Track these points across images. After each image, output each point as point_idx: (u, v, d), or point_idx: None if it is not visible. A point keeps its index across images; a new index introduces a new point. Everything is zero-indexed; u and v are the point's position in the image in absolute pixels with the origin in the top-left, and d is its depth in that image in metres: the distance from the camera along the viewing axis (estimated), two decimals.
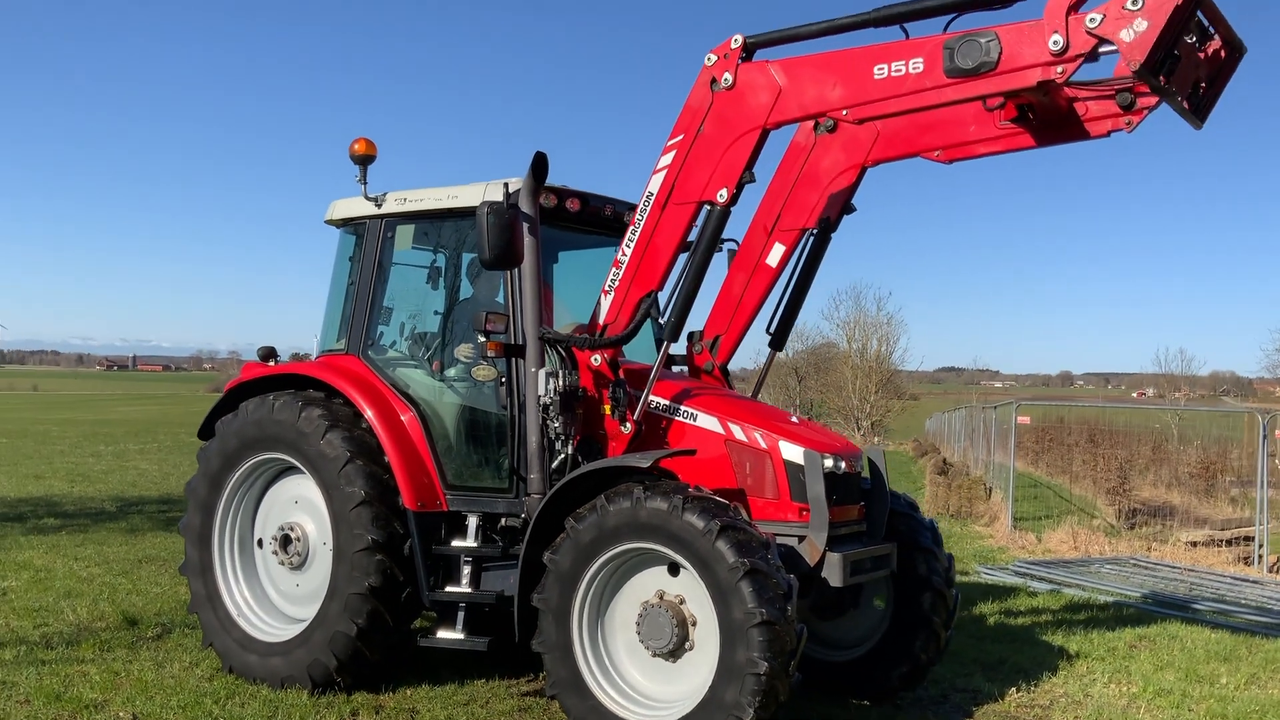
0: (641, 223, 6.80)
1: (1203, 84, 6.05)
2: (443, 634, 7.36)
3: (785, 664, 5.89)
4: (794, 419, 7.30)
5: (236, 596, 8.05)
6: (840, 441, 7.27)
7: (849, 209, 7.66)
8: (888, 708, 7.65)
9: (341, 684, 7.45)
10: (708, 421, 7.03)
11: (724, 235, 7.09)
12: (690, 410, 7.09)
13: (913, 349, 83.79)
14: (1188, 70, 5.83)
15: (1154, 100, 6.14)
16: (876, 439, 64.39)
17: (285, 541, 7.89)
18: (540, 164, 7.06)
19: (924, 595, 7.46)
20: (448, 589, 7.36)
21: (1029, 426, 37.58)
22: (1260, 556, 14.65)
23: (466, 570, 7.34)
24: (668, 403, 7.14)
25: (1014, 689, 8.10)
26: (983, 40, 5.58)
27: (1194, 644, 9.86)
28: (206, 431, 8.32)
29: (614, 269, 6.94)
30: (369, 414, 7.57)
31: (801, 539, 6.70)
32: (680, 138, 6.61)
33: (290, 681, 7.52)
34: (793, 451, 6.78)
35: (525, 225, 7.10)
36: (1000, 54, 5.55)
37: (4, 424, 47.12)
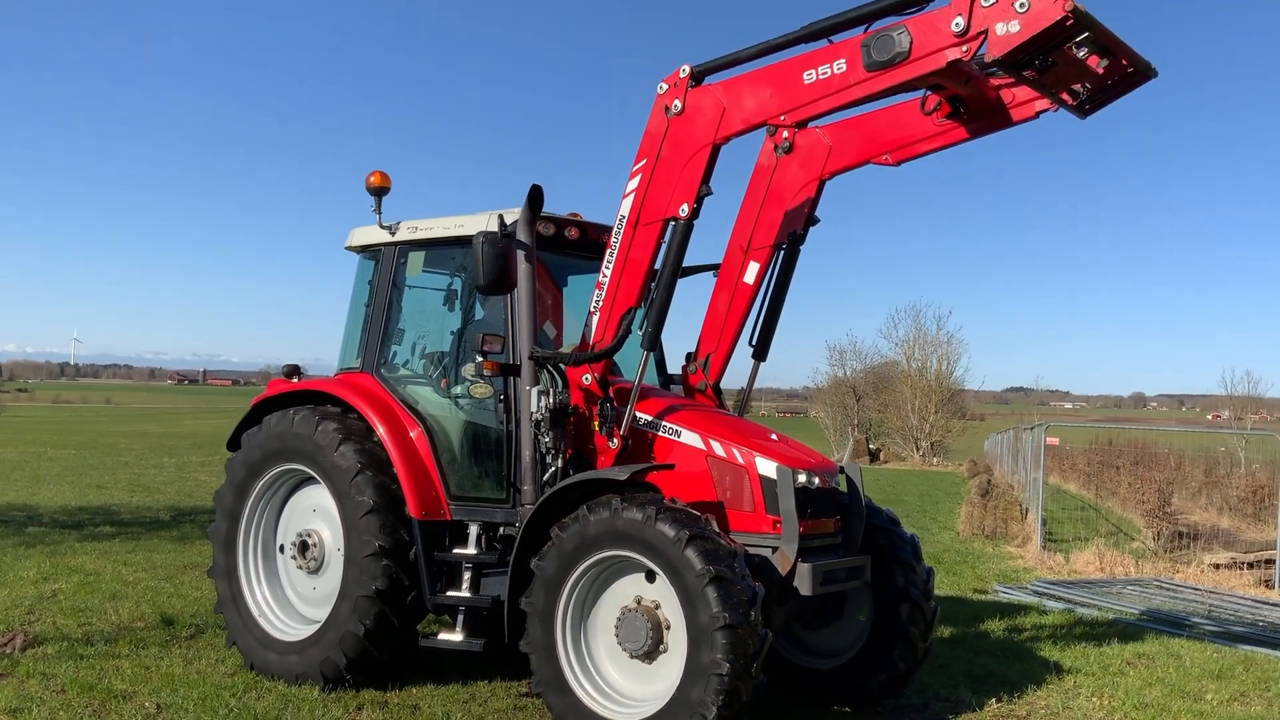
0: (617, 244, 7.29)
1: (1089, 87, 6.58)
2: (443, 636, 7.83)
3: (748, 666, 6.27)
4: (773, 437, 7.68)
5: (258, 598, 8.60)
6: (816, 458, 7.64)
7: (813, 221, 8.16)
8: (868, 714, 7.98)
9: (351, 681, 7.94)
10: (690, 438, 7.45)
11: (710, 261, 7.55)
12: (674, 427, 7.51)
13: (974, 368, 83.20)
14: (1067, 73, 6.38)
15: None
16: (936, 459, 64.04)
17: (303, 547, 8.43)
18: (536, 196, 7.58)
19: (901, 607, 7.79)
20: (449, 593, 7.84)
21: (1083, 449, 37.53)
22: None
23: (467, 576, 7.81)
24: (652, 419, 7.57)
25: (995, 700, 8.38)
26: (894, 34, 6.12)
27: (1192, 662, 10.01)
28: (234, 444, 8.90)
29: (597, 290, 7.42)
30: (380, 429, 8.08)
31: (775, 549, 7.09)
32: (644, 162, 7.15)
33: (304, 678, 8.02)
34: (767, 467, 7.17)
35: (521, 253, 7.60)
36: (911, 43, 6.07)
37: (75, 436, 48.74)
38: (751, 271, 8.13)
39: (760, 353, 8.43)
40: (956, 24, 5.89)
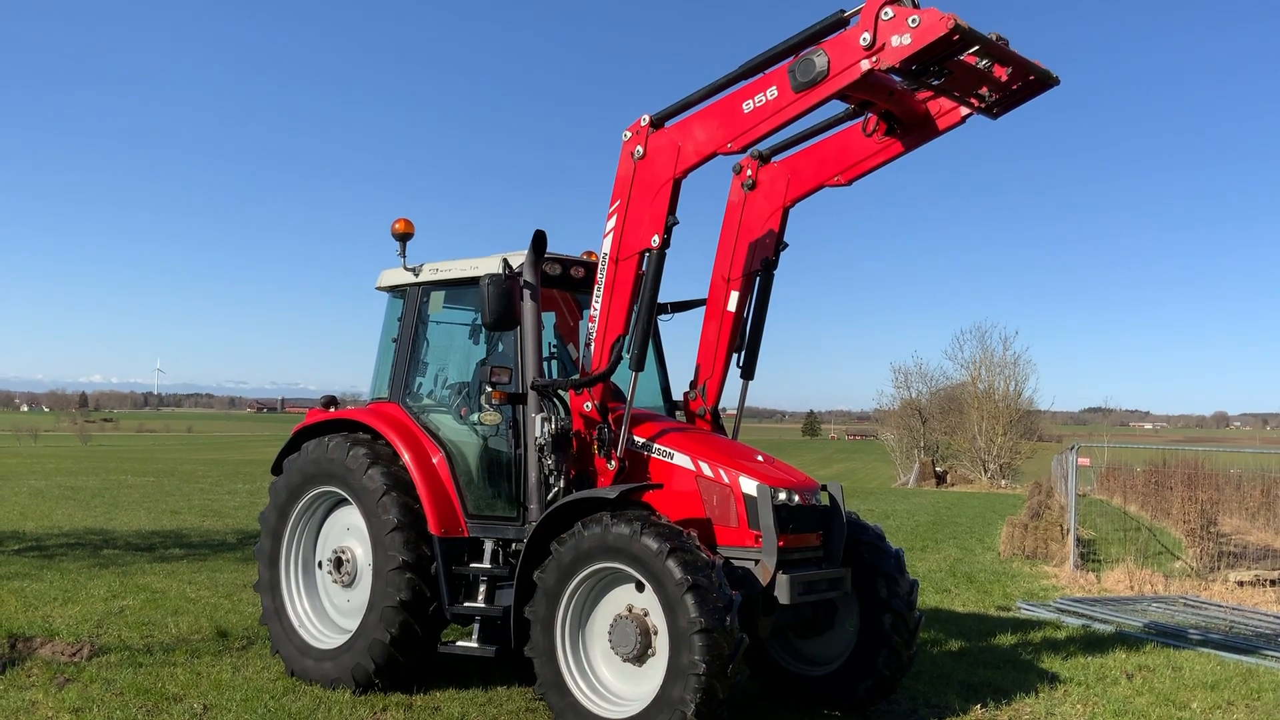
0: (602, 280, 8.05)
1: (994, 93, 7.39)
2: (461, 643, 8.58)
3: (723, 667, 6.88)
4: (759, 458, 8.29)
5: (299, 610, 9.39)
6: (798, 477, 8.24)
7: (783, 246, 8.89)
8: (856, 718, 8.52)
9: (379, 685, 8.68)
10: (682, 459, 8.11)
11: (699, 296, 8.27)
12: (667, 449, 8.18)
13: (1046, 388, 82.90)
14: (968, 80, 7.19)
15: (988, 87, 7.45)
16: (1004, 481, 63.49)
17: (338, 563, 9.21)
18: (539, 240, 8.33)
19: (885, 616, 8.34)
20: (466, 604, 8.56)
21: (1143, 468, 37.29)
22: None
23: (483, 588, 8.53)
24: (646, 442, 8.24)
25: (981, 706, 8.84)
26: (814, 57, 6.90)
27: (1191, 674, 10.33)
28: (277, 468, 9.72)
29: (590, 323, 8.14)
30: (405, 455, 8.84)
31: (757, 562, 7.70)
32: (618, 203, 7.94)
33: (338, 683, 8.78)
34: (749, 485, 7.79)
35: (527, 292, 8.34)
36: (829, 62, 6.84)
37: (155, 463, 50.58)
38: (734, 300, 8.87)
39: (748, 372, 9.09)
40: (864, 38, 6.65)
